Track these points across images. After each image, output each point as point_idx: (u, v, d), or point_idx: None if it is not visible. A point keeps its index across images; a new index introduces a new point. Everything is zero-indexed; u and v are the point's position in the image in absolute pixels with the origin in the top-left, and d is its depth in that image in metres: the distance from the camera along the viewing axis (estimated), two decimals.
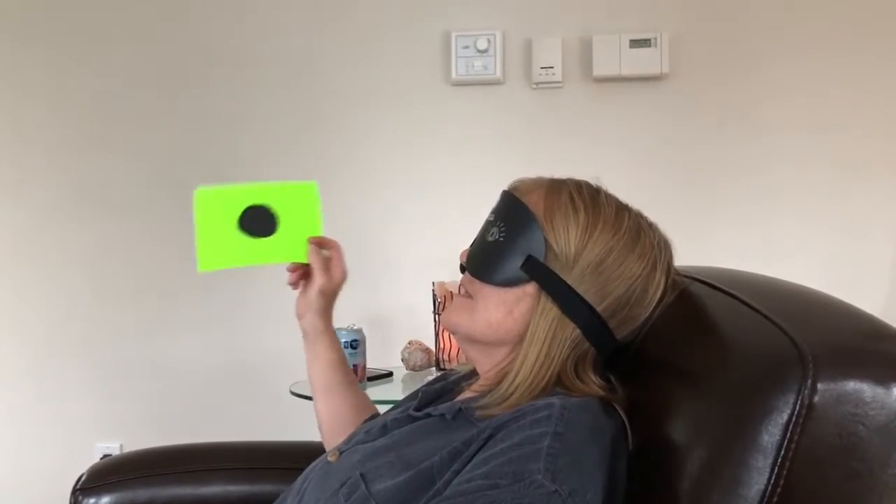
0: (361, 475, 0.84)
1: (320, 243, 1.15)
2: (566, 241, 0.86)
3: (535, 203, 0.89)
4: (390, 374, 1.99)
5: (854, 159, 2.24)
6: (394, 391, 1.89)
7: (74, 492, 1.26)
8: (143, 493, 1.27)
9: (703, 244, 1.80)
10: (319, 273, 1.13)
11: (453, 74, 2.29)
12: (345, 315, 2.02)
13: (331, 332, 1.21)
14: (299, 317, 1.19)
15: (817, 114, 2.24)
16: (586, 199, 0.88)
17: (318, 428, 1.23)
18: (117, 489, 1.26)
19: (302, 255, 1.12)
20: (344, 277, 1.17)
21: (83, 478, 1.28)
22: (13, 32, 2.42)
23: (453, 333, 0.97)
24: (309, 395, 1.82)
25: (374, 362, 1.97)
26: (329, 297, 1.17)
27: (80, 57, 2.41)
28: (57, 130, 2.41)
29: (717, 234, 2.24)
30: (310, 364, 1.22)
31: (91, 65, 2.40)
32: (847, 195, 2.24)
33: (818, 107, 2.24)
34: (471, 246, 0.96)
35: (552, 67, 2.26)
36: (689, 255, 0.98)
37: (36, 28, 2.41)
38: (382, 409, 1.26)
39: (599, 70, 2.25)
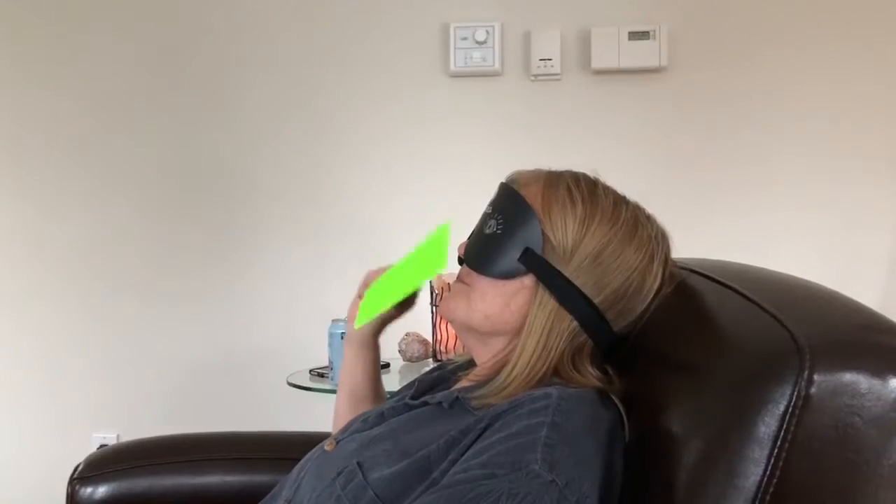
0: (358, 463, 0.84)
1: None
2: (563, 234, 0.86)
3: (533, 195, 0.89)
4: (387, 366, 1.99)
5: (853, 151, 2.24)
6: (391, 382, 1.88)
7: (72, 481, 1.26)
8: (141, 482, 1.27)
9: (700, 235, 1.80)
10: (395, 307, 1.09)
11: (452, 66, 2.28)
12: (342, 306, 2.03)
13: (374, 349, 1.18)
14: (349, 319, 1.16)
15: (816, 106, 2.24)
16: (584, 191, 0.88)
17: (335, 413, 1.22)
18: (114, 479, 1.26)
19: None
20: (412, 308, 1.13)
21: (80, 467, 1.28)
22: (15, 24, 2.41)
23: (451, 321, 0.97)
24: (304, 385, 1.84)
25: None
26: (388, 323, 1.15)
27: (83, 48, 2.40)
28: (60, 124, 2.41)
29: (715, 226, 2.24)
30: (347, 365, 1.20)
31: (97, 57, 2.40)
32: (845, 187, 2.25)
33: (817, 98, 2.24)
34: (468, 238, 0.96)
35: (551, 59, 2.26)
36: (686, 246, 0.98)
37: (38, 21, 2.40)
38: None
39: (598, 62, 2.25)
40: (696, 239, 0.98)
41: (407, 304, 1.12)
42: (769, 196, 2.25)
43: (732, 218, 2.25)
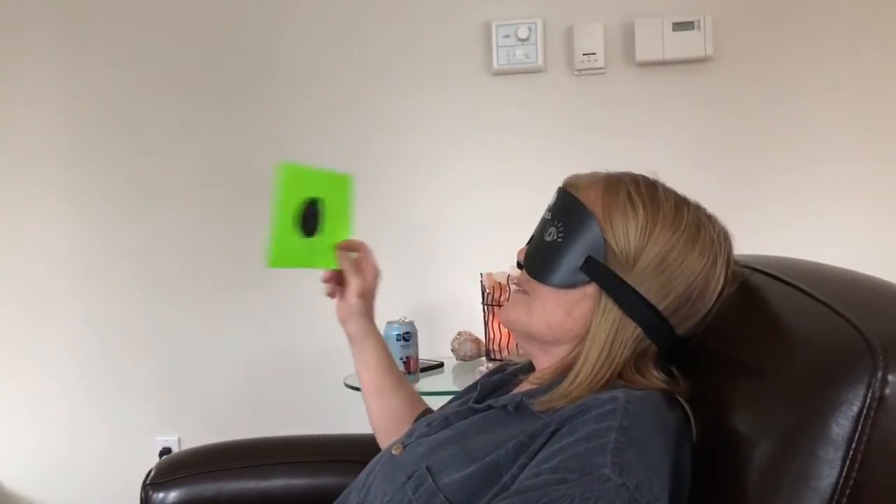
0: (427, 468, 0.85)
1: (348, 247, 1.16)
2: (626, 241, 0.86)
3: (593, 201, 0.88)
4: (441, 365, 2.01)
5: None
6: (445, 382, 1.91)
7: (145, 486, 1.30)
8: (210, 487, 1.30)
9: (751, 229, 1.76)
10: (352, 276, 1.14)
11: (495, 64, 2.28)
12: (395, 308, 2.06)
13: (376, 333, 1.22)
14: (342, 323, 1.20)
15: (872, 92, 2.17)
16: (644, 195, 0.87)
17: (372, 427, 1.24)
18: (185, 484, 1.30)
19: (333, 260, 1.13)
20: (377, 276, 1.18)
21: (152, 473, 1.32)
22: (66, 43, 2.47)
23: (512, 330, 0.98)
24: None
25: (424, 353, 1.99)
26: (368, 299, 1.17)
27: (128, 65, 2.44)
28: (110, 134, 2.46)
29: (766, 218, 2.20)
30: (359, 367, 1.23)
31: (146, 67, 2.44)
32: None
33: (873, 85, 2.17)
34: (528, 244, 0.96)
35: (594, 54, 2.25)
36: (736, 240, 0.95)
37: (86, 38, 2.46)
38: (435, 399, 1.28)
39: (642, 55, 2.23)
40: (746, 232, 0.96)
41: (366, 275, 1.16)
42: (822, 187, 2.20)
43: (783, 210, 2.21)
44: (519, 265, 0.97)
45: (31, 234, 2.50)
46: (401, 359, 1.82)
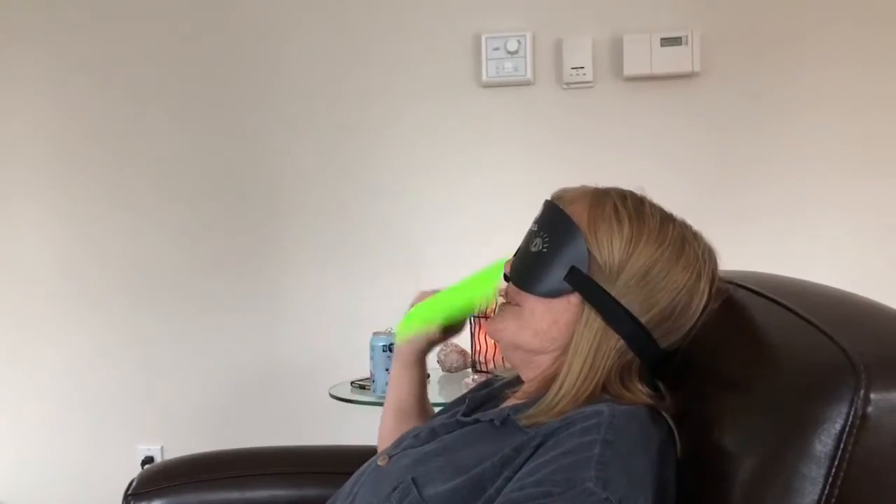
0: (413, 479, 0.85)
1: None
2: (610, 253, 0.86)
3: (579, 214, 0.89)
4: (427, 377, 2.00)
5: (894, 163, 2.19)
6: (431, 393, 1.89)
7: (126, 497, 1.29)
8: (192, 497, 1.29)
9: (736, 243, 1.77)
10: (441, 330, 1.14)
11: (483, 76, 2.29)
12: (381, 319, 2.05)
13: (421, 367, 1.20)
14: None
15: (857, 109, 2.19)
16: (630, 210, 0.88)
17: (380, 434, 1.23)
18: (167, 494, 1.29)
19: None
20: (458, 334, 1.18)
21: (134, 483, 1.31)
22: (53, 57, 2.46)
23: (498, 341, 0.98)
24: (346, 398, 1.86)
25: None
26: (432, 345, 1.18)
27: (114, 79, 2.44)
28: (97, 147, 2.45)
29: (751, 233, 2.21)
30: (392, 381, 1.23)
31: (127, 87, 2.44)
32: (890, 193, 2.19)
33: (858, 102, 2.19)
34: (514, 255, 0.97)
35: (583, 67, 2.26)
36: (720, 255, 0.96)
37: (74, 53, 2.45)
38: None
39: (630, 69, 2.24)
40: (732, 248, 0.97)
41: (453, 329, 1.15)
42: (809, 203, 2.21)
43: (769, 225, 2.22)
44: (506, 277, 0.98)
45: (14, 246, 2.48)
46: (387, 370, 1.81)
